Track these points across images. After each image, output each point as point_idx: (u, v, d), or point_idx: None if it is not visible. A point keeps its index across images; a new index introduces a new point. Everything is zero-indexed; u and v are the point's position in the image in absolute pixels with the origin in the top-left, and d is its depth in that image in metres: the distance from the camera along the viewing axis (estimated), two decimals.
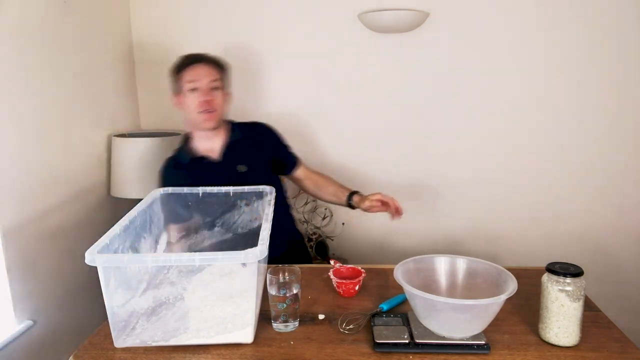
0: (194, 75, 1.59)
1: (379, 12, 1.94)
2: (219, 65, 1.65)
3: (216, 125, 1.62)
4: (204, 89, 1.58)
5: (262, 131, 1.75)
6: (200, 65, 1.60)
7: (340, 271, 1.33)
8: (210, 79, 1.59)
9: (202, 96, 1.57)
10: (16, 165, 1.50)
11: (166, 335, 1.05)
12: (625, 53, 2.00)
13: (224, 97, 1.64)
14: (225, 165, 1.64)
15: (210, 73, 1.60)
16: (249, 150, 1.68)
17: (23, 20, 1.52)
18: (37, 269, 1.58)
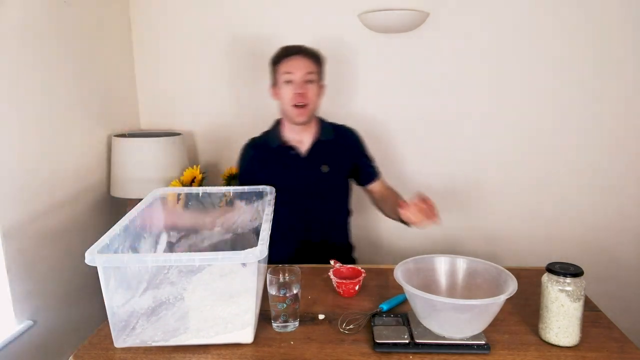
0: (289, 66, 1.58)
1: (379, 12, 1.94)
2: (316, 58, 1.63)
3: (308, 119, 1.62)
4: (299, 81, 1.57)
5: (350, 136, 1.75)
6: (296, 57, 1.60)
7: (340, 271, 1.33)
8: (306, 71, 1.58)
9: (296, 89, 1.57)
10: (16, 165, 1.50)
11: (166, 335, 1.05)
12: (627, 54, 2.00)
13: (318, 90, 1.63)
14: (311, 162, 1.65)
15: (306, 66, 1.59)
16: (334, 152, 1.68)
17: (23, 20, 1.52)
18: (37, 269, 1.58)
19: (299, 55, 1.60)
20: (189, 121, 2.24)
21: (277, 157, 1.66)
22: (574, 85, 2.05)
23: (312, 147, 1.66)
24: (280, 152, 1.66)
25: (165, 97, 2.23)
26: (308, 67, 1.59)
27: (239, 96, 2.20)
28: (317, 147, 1.66)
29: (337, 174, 1.69)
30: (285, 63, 1.60)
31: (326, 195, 1.68)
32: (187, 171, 1.90)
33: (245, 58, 2.15)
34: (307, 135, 1.67)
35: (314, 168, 1.65)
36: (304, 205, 1.65)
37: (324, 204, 1.68)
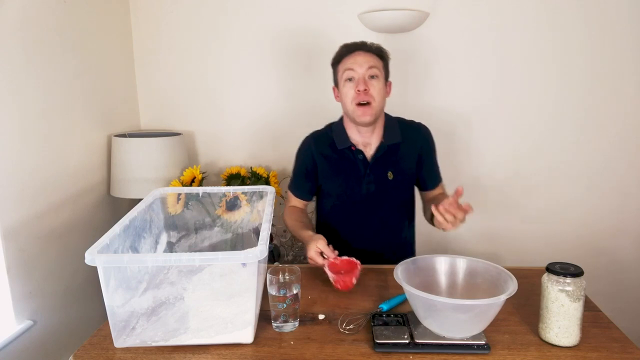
0: (350, 63, 1.48)
1: (379, 12, 1.94)
2: (379, 54, 1.51)
3: (373, 119, 1.49)
4: (360, 78, 1.46)
5: (421, 137, 1.61)
6: (357, 53, 1.48)
7: (336, 264, 1.30)
8: (367, 66, 1.46)
9: (359, 85, 1.45)
10: (16, 165, 1.50)
11: (166, 335, 1.05)
12: (628, 55, 2.00)
13: (383, 87, 1.50)
14: (376, 168, 1.55)
15: (367, 61, 1.47)
16: (402, 157, 1.57)
17: (23, 20, 1.52)
18: (37, 269, 1.58)
19: (360, 50, 1.49)
20: (189, 121, 2.24)
21: (342, 159, 1.56)
22: (574, 86, 2.05)
23: (376, 152, 1.55)
24: (346, 156, 1.56)
25: (165, 97, 2.23)
26: (370, 62, 1.47)
27: (239, 96, 2.20)
28: (382, 152, 1.55)
29: (402, 181, 1.58)
30: (345, 60, 1.49)
31: (392, 203, 1.58)
32: (187, 171, 1.90)
33: (245, 58, 2.16)
34: (374, 137, 1.56)
35: (380, 175, 1.55)
36: (367, 213, 1.57)
37: (389, 212, 1.57)
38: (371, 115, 1.48)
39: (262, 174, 2.00)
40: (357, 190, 1.56)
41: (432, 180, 1.64)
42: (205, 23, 2.13)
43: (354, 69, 1.46)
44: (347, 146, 1.56)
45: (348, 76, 1.48)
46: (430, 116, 2.14)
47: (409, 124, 1.63)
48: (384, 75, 1.51)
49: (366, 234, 1.59)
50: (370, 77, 1.46)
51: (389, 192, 1.56)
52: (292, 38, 2.13)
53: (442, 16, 2.03)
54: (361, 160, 1.55)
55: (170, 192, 1.45)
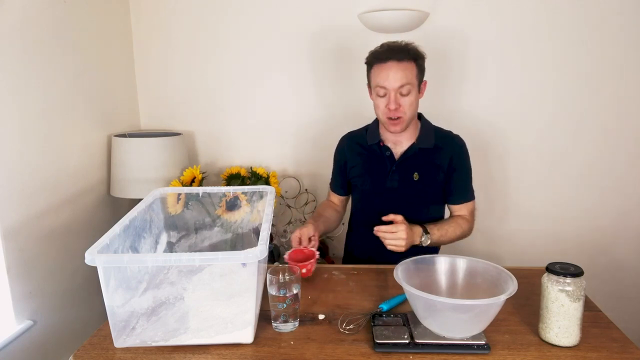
0: (381, 78, 1.45)
1: (379, 12, 1.94)
2: (413, 60, 1.46)
3: (403, 129, 1.52)
4: (392, 96, 1.45)
5: (454, 147, 1.60)
6: (390, 65, 1.44)
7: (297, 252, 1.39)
8: (399, 84, 1.44)
9: (390, 103, 1.45)
10: (16, 165, 1.50)
11: (166, 335, 1.05)
12: (628, 55, 2.00)
13: (415, 98, 1.49)
14: (403, 168, 1.57)
15: (399, 77, 1.43)
16: (429, 161, 1.57)
17: (23, 20, 1.52)
18: (37, 269, 1.58)
19: (392, 60, 1.44)
20: (189, 121, 2.24)
21: (371, 154, 1.60)
22: (574, 86, 2.05)
23: (406, 152, 1.56)
24: (375, 151, 1.60)
25: (165, 97, 2.23)
26: (402, 78, 1.43)
27: (239, 96, 2.20)
28: (412, 153, 1.56)
29: (429, 185, 1.57)
30: (377, 71, 1.47)
31: (414, 205, 1.57)
32: (187, 171, 1.90)
33: (245, 58, 2.15)
34: (406, 138, 1.57)
35: (406, 174, 1.56)
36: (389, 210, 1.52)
37: (411, 212, 1.53)
38: (401, 127, 1.50)
39: (262, 174, 2.00)
40: (381, 184, 1.58)
41: (457, 195, 1.61)
42: (206, 23, 2.13)
43: (385, 86, 1.45)
44: (376, 142, 1.60)
45: (379, 92, 1.48)
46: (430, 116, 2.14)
47: (444, 133, 1.63)
48: (417, 84, 1.49)
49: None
50: (401, 94, 1.46)
51: (413, 192, 1.57)
52: (292, 38, 2.13)
53: (442, 16, 2.03)
54: (388, 156, 1.58)
55: (170, 192, 1.45)
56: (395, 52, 1.46)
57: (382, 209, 1.55)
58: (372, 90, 1.53)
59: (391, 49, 1.48)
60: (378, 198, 1.60)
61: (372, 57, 1.51)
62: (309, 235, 1.45)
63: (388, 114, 1.48)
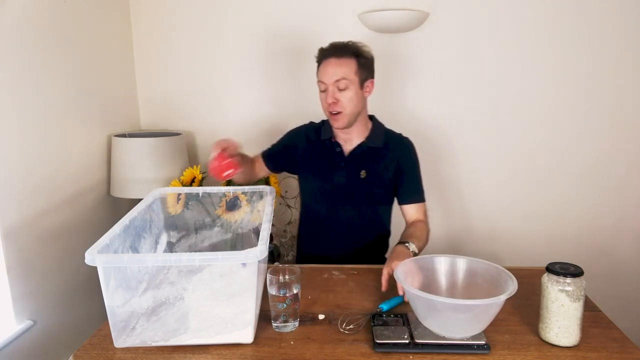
0: (321, 74, 1.51)
1: (379, 12, 1.94)
2: (354, 58, 1.49)
3: (346, 126, 1.54)
4: (330, 90, 1.49)
5: (400, 147, 1.63)
6: (328, 62, 1.50)
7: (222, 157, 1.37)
8: (335, 79, 1.48)
9: (328, 98, 1.50)
10: (16, 165, 1.50)
11: (166, 335, 1.05)
12: (627, 56, 2.00)
13: (356, 94, 1.50)
14: (351, 164, 1.59)
15: (336, 72, 1.47)
16: (377, 160, 1.59)
17: (23, 20, 1.52)
18: (37, 269, 1.58)
19: (331, 57, 1.49)
20: (189, 121, 2.24)
21: (322, 149, 1.63)
22: (574, 86, 2.05)
23: (355, 149, 1.59)
24: (326, 146, 1.62)
25: (165, 97, 2.23)
26: (339, 73, 1.47)
27: (239, 96, 2.20)
28: (360, 151, 1.59)
29: (375, 183, 1.58)
30: (320, 68, 1.52)
31: (361, 202, 1.60)
32: (187, 171, 1.90)
33: (246, 58, 2.15)
34: (356, 136, 1.60)
35: (353, 171, 1.58)
36: (337, 208, 1.61)
37: (357, 210, 1.60)
38: (343, 122, 1.53)
39: None
40: (330, 179, 1.60)
41: (408, 195, 1.61)
42: (206, 23, 2.13)
43: (324, 81, 1.50)
44: (328, 137, 1.62)
45: (320, 87, 1.53)
46: (431, 115, 2.15)
47: (394, 135, 1.66)
48: (358, 80, 1.50)
49: (337, 225, 1.63)
50: (339, 89, 1.49)
51: (359, 190, 1.59)
52: (292, 38, 2.12)
53: (442, 16, 2.03)
54: (338, 152, 1.60)
55: (170, 192, 1.45)
56: (336, 49, 1.51)
57: (330, 205, 1.62)
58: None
59: (333, 47, 1.53)
60: (326, 193, 1.62)
61: (319, 55, 1.55)
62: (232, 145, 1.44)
63: (328, 108, 1.52)
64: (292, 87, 2.17)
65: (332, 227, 1.63)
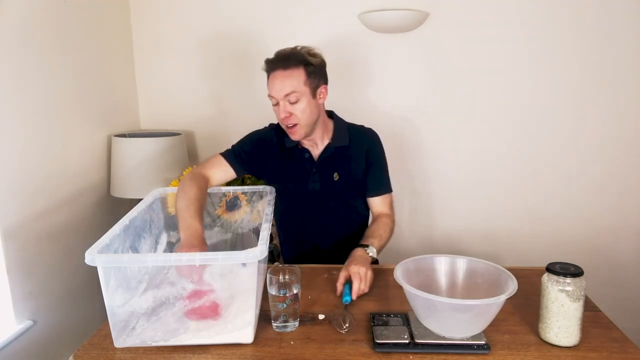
0: (271, 88, 1.44)
1: (379, 12, 1.94)
2: (301, 67, 1.43)
3: (303, 136, 1.48)
4: (282, 104, 1.42)
5: (365, 139, 1.59)
6: (275, 75, 1.43)
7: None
8: (284, 93, 1.41)
9: (281, 112, 1.43)
10: (16, 165, 1.50)
11: (166, 335, 1.05)
12: (629, 55, 2.00)
13: (309, 104, 1.43)
14: (322, 168, 1.55)
15: (284, 86, 1.41)
16: (347, 159, 1.56)
17: (23, 20, 1.52)
18: (37, 269, 1.58)
19: (277, 70, 1.42)
20: (189, 121, 2.24)
21: (290, 158, 1.56)
22: (574, 85, 2.05)
23: (323, 152, 1.55)
24: (294, 154, 1.56)
25: (165, 97, 2.23)
26: (287, 87, 1.40)
27: (239, 96, 2.20)
28: (329, 153, 1.55)
29: (349, 183, 1.57)
30: (269, 81, 1.45)
31: (338, 204, 1.59)
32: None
33: (245, 58, 2.15)
34: (320, 138, 1.55)
35: (326, 175, 1.55)
36: (316, 212, 1.59)
37: (335, 211, 1.59)
38: (300, 134, 1.46)
39: None
40: (304, 187, 1.56)
41: (375, 186, 1.59)
42: (205, 23, 2.13)
43: (273, 95, 1.44)
44: (295, 145, 1.54)
45: (272, 102, 1.46)
46: (431, 115, 2.15)
47: (357, 128, 1.62)
48: (309, 91, 1.43)
49: (318, 227, 1.61)
50: (291, 102, 1.42)
51: (334, 193, 1.57)
52: (292, 38, 2.12)
53: (442, 16, 2.03)
54: (307, 158, 1.55)
55: (170, 192, 1.45)
56: (281, 60, 1.44)
57: (307, 211, 1.59)
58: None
59: (278, 57, 1.45)
60: (302, 201, 1.58)
61: (265, 67, 1.47)
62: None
63: (283, 122, 1.45)
64: None
65: (313, 230, 1.61)
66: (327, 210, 1.59)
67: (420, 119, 2.14)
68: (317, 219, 1.60)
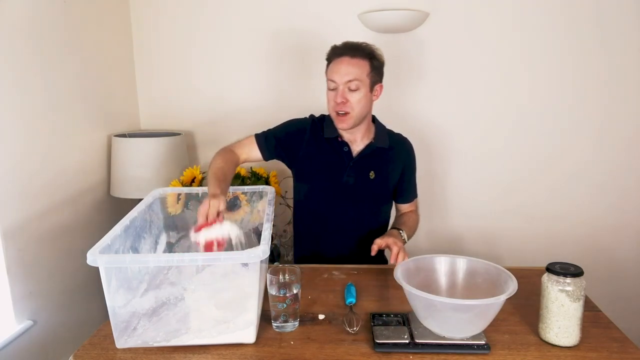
0: (333, 73, 1.48)
1: (379, 12, 1.94)
2: (367, 60, 1.48)
3: (350, 127, 1.51)
4: (341, 89, 1.46)
5: (405, 150, 1.65)
6: (342, 60, 1.47)
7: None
8: (347, 79, 1.45)
9: (337, 97, 1.47)
10: (16, 166, 1.50)
11: (168, 335, 1.05)
12: (629, 55, 2.01)
13: (365, 97, 1.48)
14: (360, 165, 1.57)
15: (349, 72, 1.45)
16: (386, 160, 1.59)
17: (23, 20, 1.52)
18: (37, 269, 1.58)
19: (345, 56, 1.47)
20: (189, 121, 2.24)
21: (327, 148, 1.57)
22: (574, 86, 2.06)
23: (364, 150, 1.57)
24: (332, 145, 1.57)
25: (165, 97, 2.23)
26: (351, 73, 1.45)
27: (239, 96, 2.20)
28: (370, 151, 1.57)
29: (383, 184, 1.60)
30: (331, 65, 1.50)
31: (367, 203, 1.60)
32: (187, 171, 1.90)
33: (246, 58, 2.15)
34: (361, 137, 1.58)
35: (362, 171, 1.57)
36: (342, 207, 1.59)
37: (361, 210, 1.60)
38: (348, 124, 1.50)
39: (262, 174, 2.00)
40: (337, 179, 1.57)
41: (408, 195, 1.67)
42: (205, 23, 2.13)
43: (335, 80, 1.47)
44: (334, 136, 1.57)
45: (330, 86, 1.50)
46: (431, 115, 2.15)
47: (396, 135, 1.67)
48: (369, 83, 1.49)
49: (340, 224, 1.61)
50: (349, 89, 1.46)
51: (367, 191, 1.58)
52: (292, 38, 2.13)
53: (442, 16, 2.03)
54: (346, 152, 1.57)
55: (170, 192, 1.45)
56: (350, 48, 1.48)
57: (335, 205, 1.59)
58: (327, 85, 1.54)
59: (347, 46, 1.50)
60: (332, 193, 1.59)
61: (331, 53, 1.52)
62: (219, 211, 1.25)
63: (336, 107, 1.49)
64: (292, 86, 2.17)
65: (335, 226, 1.62)
66: (354, 206, 1.59)
67: (419, 119, 2.14)
68: (342, 215, 1.60)
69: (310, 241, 1.68)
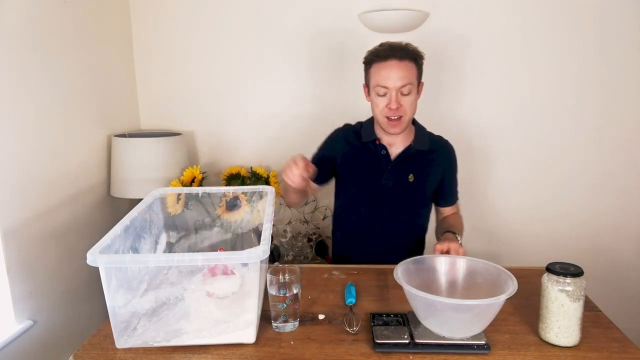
0: (383, 78, 1.42)
1: (379, 12, 1.94)
2: (414, 60, 1.45)
3: (402, 130, 1.50)
4: (394, 95, 1.42)
5: (445, 150, 1.63)
6: (391, 64, 1.42)
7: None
8: (402, 84, 1.41)
9: (391, 103, 1.43)
10: (16, 165, 1.50)
11: (168, 335, 1.05)
12: (630, 56, 2.01)
13: (415, 99, 1.47)
14: (399, 168, 1.55)
15: (401, 77, 1.41)
16: (425, 163, 1.57)
17: (23, 20, 1.52)
18: (37, 269, 1.58)
19: (391, 60, 1.42)
20: (189, 121, 2.24)
21: (366, 151, 1.57)
22: (574, 86, 2.06)
23: (403, 152, 1.55)
24: (370, 149, 1.56)
25: (165, 97, 2.23)
26: (404, 77, 1.41)
27: (239, 96, 2.20)
28: (409, 154, 1.55)
29: (423, 187, 1.58)
30: (377, 70, 1.44)
31: (406, 206, 1.59)
32: (187, 171, 1.90)
33: (245, 58, 2.16)
34: (400, 139, 1.55)
35: (401, 174, 1.55)
36: (381, 210, 1.58)
37: (399, 212, 1.58)
38: (402, 127, 1.48)
39: (262, 174, 2.00)
40: (376, 182, 1.56)
41: (449, 198, 1.67)
42: (205, 23, 2.13)
43: (387, 85, 1.43)
44: (372, 140, 1.56)
45: (379, 92, 1.45)
46: (430, 115, 2.14)
47: (437, 137, 1.65)
48: (417, 84, 1.47)
49: (379, 227, 1.60)
50: (402, 94, 1.43)
51: (406, 193, 1.57)
52: (291, 38, 2.13)
53: (442, 16, 2.03)
54: (384, 155, 1.56)
55: (170, 192, 1.44)
56: (396, 50, 1.44)
57: (373, 208, 1.58)
58: (370, 89, 1.50)
59: (392, 48, 1.45)
60: (370, 196, 1.58)
61: (373, 56, 1.48)
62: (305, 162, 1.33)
63: (388, 113, 1.46)
64: (292, 86, 2.17)
65: (373, 229, 1.60)
66: (393, 209, 1.57)
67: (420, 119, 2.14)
68: (381, 217, 1.59)
69: (350, 243, 1.66)
